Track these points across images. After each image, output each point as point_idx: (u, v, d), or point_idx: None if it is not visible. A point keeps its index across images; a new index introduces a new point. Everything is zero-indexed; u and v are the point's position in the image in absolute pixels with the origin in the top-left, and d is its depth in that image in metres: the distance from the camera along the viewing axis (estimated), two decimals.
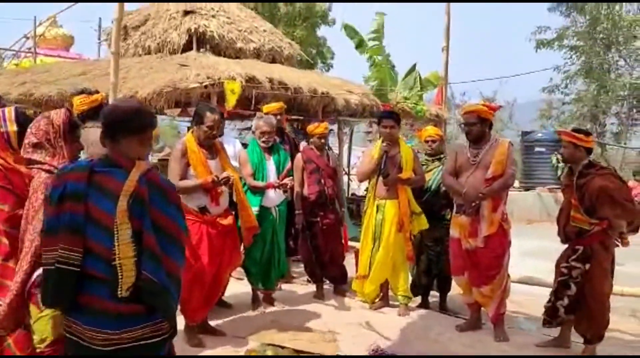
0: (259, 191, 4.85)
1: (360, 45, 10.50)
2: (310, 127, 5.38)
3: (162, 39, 9.78)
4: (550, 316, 4.16)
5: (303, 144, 5.64)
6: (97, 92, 4.02)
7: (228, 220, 4.17)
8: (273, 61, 10.32)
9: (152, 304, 1.94)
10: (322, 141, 5.32)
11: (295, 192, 5.23)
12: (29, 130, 2.45)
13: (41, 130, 2.44)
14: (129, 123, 2.06)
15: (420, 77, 10.32)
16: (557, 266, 4.14)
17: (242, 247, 4.60)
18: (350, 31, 10.40)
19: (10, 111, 2.65)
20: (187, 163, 4.01)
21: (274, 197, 4.93)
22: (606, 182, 3.77)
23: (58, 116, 2.48)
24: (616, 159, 19.98)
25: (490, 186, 4.21)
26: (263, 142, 4.92)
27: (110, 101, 5.88)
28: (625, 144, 18.26)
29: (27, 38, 18.35)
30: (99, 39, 20.15)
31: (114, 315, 1.89)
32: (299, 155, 5.36)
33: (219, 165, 4.15)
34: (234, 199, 4.31)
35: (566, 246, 4.12)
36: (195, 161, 4.01)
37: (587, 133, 4.06)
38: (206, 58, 8.54)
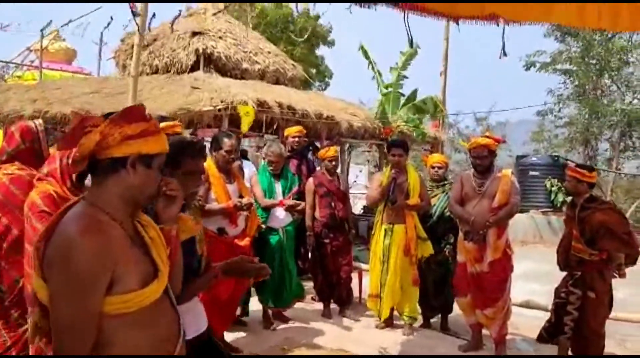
0: (267, 212, 5.10)
1: (372, 68, 10.85)
2: (322, 152, 5.67)
3: (170, 59, 10.04)
4: (550, 333, 4.37)
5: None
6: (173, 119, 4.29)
7: (244, 241, 4.40)
8: (277, 81, 10.60)
9: None
10: (333, 163, 5.59)
11: (307, 214, 5.48)
12: None
13: None
14: None
15: (427, 102, 10.71)
16: (557, 290, 4.38)
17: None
18: (365, 53, 10.76)
19: None
20: (208, 188, 4.24)
21: (281, 218, 5.17)
22: (606, 217, 4.01)
23: None
24: (608, 183, 20.41)
25: (497, 215, 4.46)
26: (271, 169, 5.20)
27: None
28: (617, 168, 18.63)
29: (30, 51, 18.61)
30: (100, 52, 20.48)
31: None
32: (310, 179, 5.62)
33: (236, 189, 4.41)
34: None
35: (565, 273, 4.36)
36: (216, 186, 4.25)
37: (591, 169, 4.28)
38: (215, 79, 8.81)
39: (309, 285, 6.49)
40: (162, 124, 3.88)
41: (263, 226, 5.00)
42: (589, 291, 4.10)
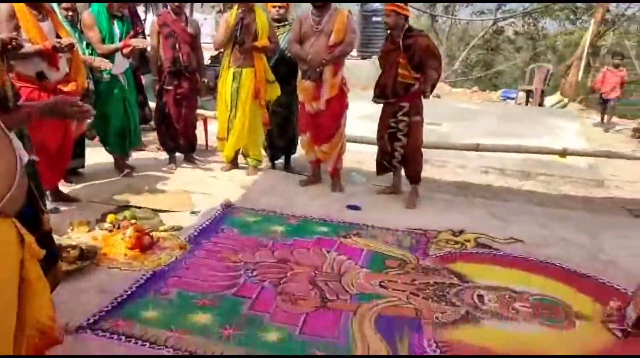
0: (110, 58, 4.71)
1: None
2: None
3: None
4: (388, 161, 4.80)
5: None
6: None
7: (70, 86, 4.01)
8: None
9: None
10: (175, 4, 5.13)
11: (152, 58, 5.23)
12: None
13: None
14: None
15: None
16: (384, 123, 4.71)
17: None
18: None
19: None
20: (16, 26, 3.71)
21: (121, 64, 4.83)
22: (428, 42, 4.44)
23: None
24: (444, 31, 21.62)
25: (332, 53, 4.55)
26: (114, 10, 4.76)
27: None
28: (454, 15, 19.74)
29: None
30: None
31: None
32: (155, 19, 5.24)
33: (52, 27, 3.91)
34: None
35: (385, 103, 4.67)
36: (27, 24, 3.72)
37: (406, 1, 4.47)
38: None
39: (152, 135, 6.36)
40: None
41: (108, 77, 4.73)
42: (415, 116, 4.54)
